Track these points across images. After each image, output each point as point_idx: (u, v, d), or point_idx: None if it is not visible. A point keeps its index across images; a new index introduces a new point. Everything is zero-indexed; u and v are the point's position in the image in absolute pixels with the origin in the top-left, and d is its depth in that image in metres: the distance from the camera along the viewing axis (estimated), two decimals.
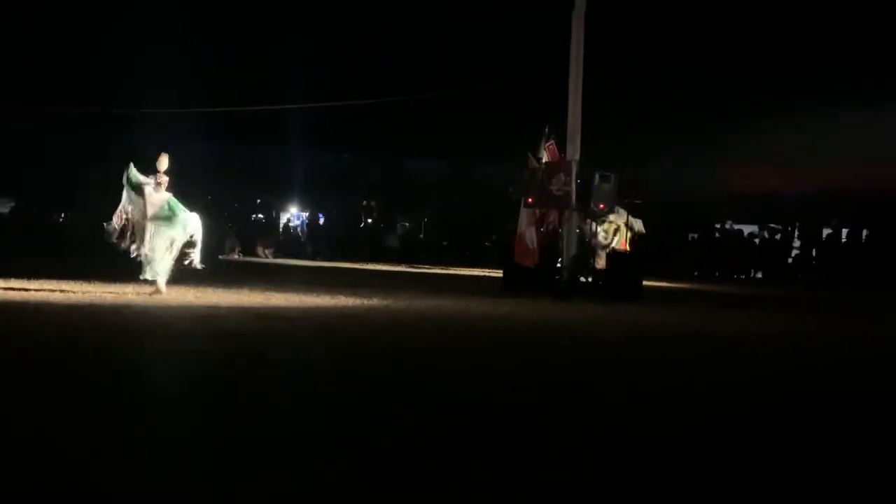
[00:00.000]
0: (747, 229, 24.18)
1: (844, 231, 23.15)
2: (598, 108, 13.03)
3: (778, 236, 23.82)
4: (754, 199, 25.08)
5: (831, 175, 22.42)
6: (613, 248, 19.90)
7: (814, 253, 22.21)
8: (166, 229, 9.24)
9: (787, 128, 21.92)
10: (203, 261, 9.48)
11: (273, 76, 21.27)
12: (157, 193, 9.30)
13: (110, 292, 9.33)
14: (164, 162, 9.43)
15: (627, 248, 20.37)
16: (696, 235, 24.62)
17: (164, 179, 9.36)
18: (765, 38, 20.67)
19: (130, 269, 9.51)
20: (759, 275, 22.19)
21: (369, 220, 28.46)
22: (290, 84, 20.60)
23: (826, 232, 23.09)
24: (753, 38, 20.74)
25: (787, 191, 24.38)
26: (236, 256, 22.24)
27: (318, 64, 21.70)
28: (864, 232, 23.17)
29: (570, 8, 12.56)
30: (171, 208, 9.30)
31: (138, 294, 9.15)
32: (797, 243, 23.21)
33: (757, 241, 23.51)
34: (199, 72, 19.98)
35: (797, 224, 23.64)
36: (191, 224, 9.33)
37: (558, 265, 12.30)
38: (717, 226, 24.88)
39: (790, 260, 22.79)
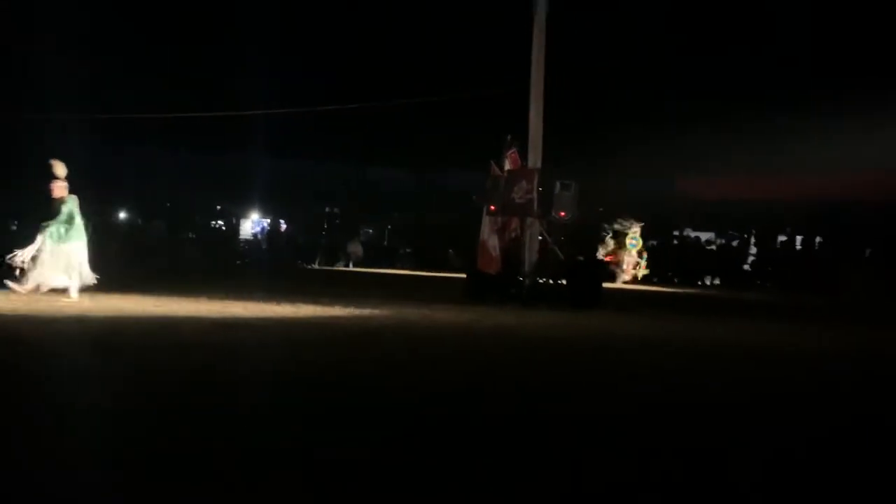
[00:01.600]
0: (704, 236, 24.71)
1: (799, 238, 23.80)
2: (559, 118, 13.22)
3: (735, 243, 24.39)
4: (712, 207, 25.63)
5: (786, 184, 23.02)
6: (634, 261, 20.68)
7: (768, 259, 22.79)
8: (61, 237, 9.17)
9: (744, 138, 22.45)
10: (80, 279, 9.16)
11: (233, 82, 21.11)
12: (56, 199, 9.24)
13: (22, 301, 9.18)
14: (59, 168, 9.35)
15: (640, 262, 21.27)
16: (654, 242, 25.10)
17: (61, 185, 9.29)
18: (722, 51, 21.16)
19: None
20: (717, 280, 22.67)
21: (332, 227, 28.37)
22: (251, 90, 20.46)
23: (781, 239, 23.70)
24: (711, 51, 21.23)
25: (743, 199, 24.96)
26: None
27: (281, 70, 21.61)
28: (818, 239, 23.85)
29: (532, 18, 12.73)
30: (68, 215, 9.22)
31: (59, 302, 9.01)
32: (753, 250, 23.80)
33: (713, 247, 24.07)
34: (156, 77, 19.75)
35: (753, 231, 24.24)
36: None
37: (521, 272, 12.41)
38: (676, 233, 25.39)
39: (747, 266, 23.34)
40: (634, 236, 21.32)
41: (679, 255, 23.96)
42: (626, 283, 20.45)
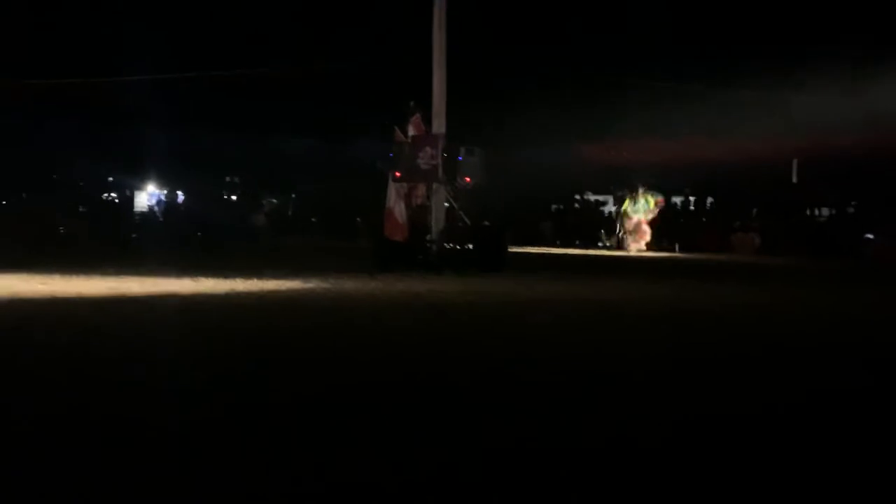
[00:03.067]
0: (605, 200, 25.51)
1: (692, 199, 24.90)
2: (461, 84, 13.19)
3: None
4: (612, 171, 26.39)
5: (681, 147, 23.90)
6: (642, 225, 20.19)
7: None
8: None
9: (640, 104, 23.10)
10: None
11: (124, 44, 19.96)
12: None
13: None
14: None
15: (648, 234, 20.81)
16: (560, 206, 25.73)
17: None
18: (619, 15, 21.59)
19: None
20: (615, 241, 23.43)
21: (233, 198, 27.57)
22: (143, 54, 19.41)
23: (676, 200, 24.71)
24: (609, 16, 21.62)
25: (640, 162, 25.80)
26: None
27: (175, 34, 20.60)
28: (709, 200, 25.02)
29: None
30: None
31: None
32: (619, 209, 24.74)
33: (605, 210, 24.96)
34: (39, 41, 18.47)
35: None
36: None
37: (427, 239, 12.43)
38: (577, 197, 26.06)
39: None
40: (641, 202, 20.54)
41: (580, 218, 24.65)
42: (640, 251, 19.83)
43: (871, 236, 19.81)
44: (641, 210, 20.60)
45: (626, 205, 20.81)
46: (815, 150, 22.17)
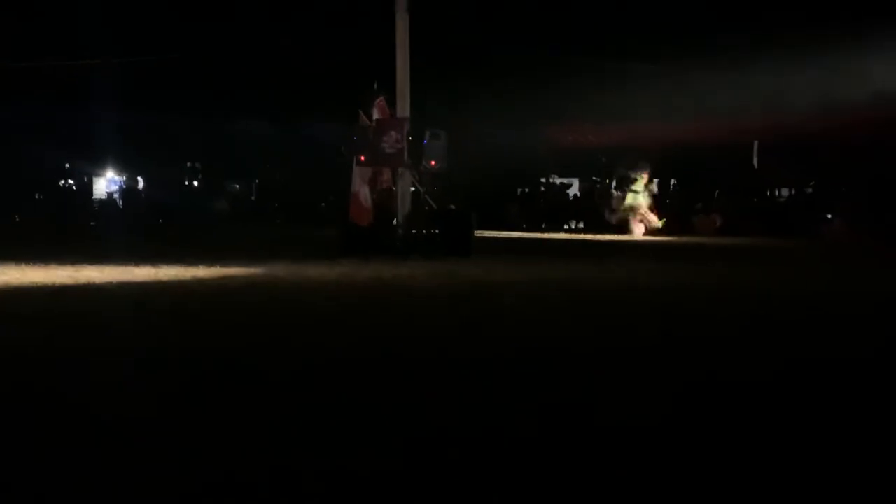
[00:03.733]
0: (571, 183, 25.64)
1: (656, 181, 25.12)
2: (426, 66, 13.08)
3: (598, 187, 25.43)
4: (577, 154, 26.53)
5: (643, 129, 24.08)
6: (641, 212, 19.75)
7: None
8: None
9: (604, 87, 23.19)
10: None
11: (80, 26, 19.38)
12: None
13: None
14: None
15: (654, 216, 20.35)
16: (526, 189, 25.79)
17: None
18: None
19: None
20: (581, 224, 23.62)
21: (194, 184, 27.14)
22: (101, 36, 18.86)
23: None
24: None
25: (605, 145, 25.96)
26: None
27: (132, 18, 20.07)
28: (672, 181, 25.31)
29: None
30: None
31: None
32: (615, 194, 24.91)
33: (569, 192, 25.11)
34: None
35: (614, 176, 25.33)
36: None
37: (394, 223, 12.35)
38: (543, 180, 26.15)
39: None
40: (641, 185, 20.29)
41: (546, 201, 24.76)
42: (646, 234, 19.59)
43: (829, 216, 20.26)
44: (642, 195, 20.62)
45: (629, 196, 20.70)
46: (775, 131, 22.54)
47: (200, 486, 2.40)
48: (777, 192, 24.29)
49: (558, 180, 25.82)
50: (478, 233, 13.36)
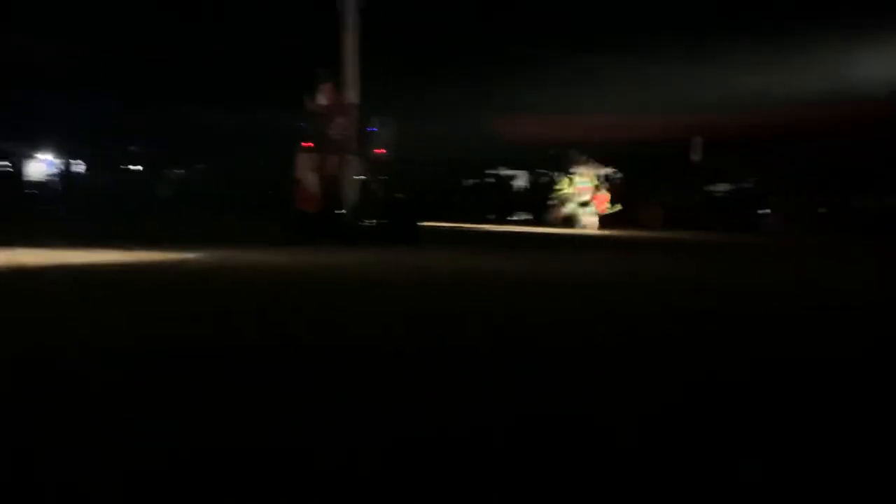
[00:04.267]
0: (518, 175, 25.92)
1: (607, 169, 25.57)
2: (373, 55, 13.05)
3: (547, 179, 25.79)
4: (523, 146, 26.81)
5: (595, 123, 24.47)
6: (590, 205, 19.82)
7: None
8: None
9: (554, 80, 23.46)
10: None
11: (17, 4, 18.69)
12: None
13: None
14: None
15: (606, 204, 20.67)
16: (473, 181, 25.98)
17: None
18: None
19: None
20: (528, 216, 23.92)
21: (137, 168, 26.50)
22: (42, 17, 18.23)
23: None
24: None
25: (552, 138, 26.30)
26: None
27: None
28: (618, 175, 25.80)
29: None
30: None
31: None
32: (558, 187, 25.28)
33: (514, 184, 25.49)
34: None
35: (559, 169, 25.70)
36: None
37: (341, 211, 12.31)
38: (489, 171, 26.39)
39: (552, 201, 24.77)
40: (582, 175, 20.51)
41: (493, 193, 25.00)
42: (600, 228, 19.76)
43: (767, 211, 20.93)
44: (580, 186, 20.88)
45: (565, 184, 21.02)
46: (715, 127, 23.16)
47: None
48: (716, 187, 25.01)
49: (504, 172, 26.09)
50: (424, 223, 13.43)
